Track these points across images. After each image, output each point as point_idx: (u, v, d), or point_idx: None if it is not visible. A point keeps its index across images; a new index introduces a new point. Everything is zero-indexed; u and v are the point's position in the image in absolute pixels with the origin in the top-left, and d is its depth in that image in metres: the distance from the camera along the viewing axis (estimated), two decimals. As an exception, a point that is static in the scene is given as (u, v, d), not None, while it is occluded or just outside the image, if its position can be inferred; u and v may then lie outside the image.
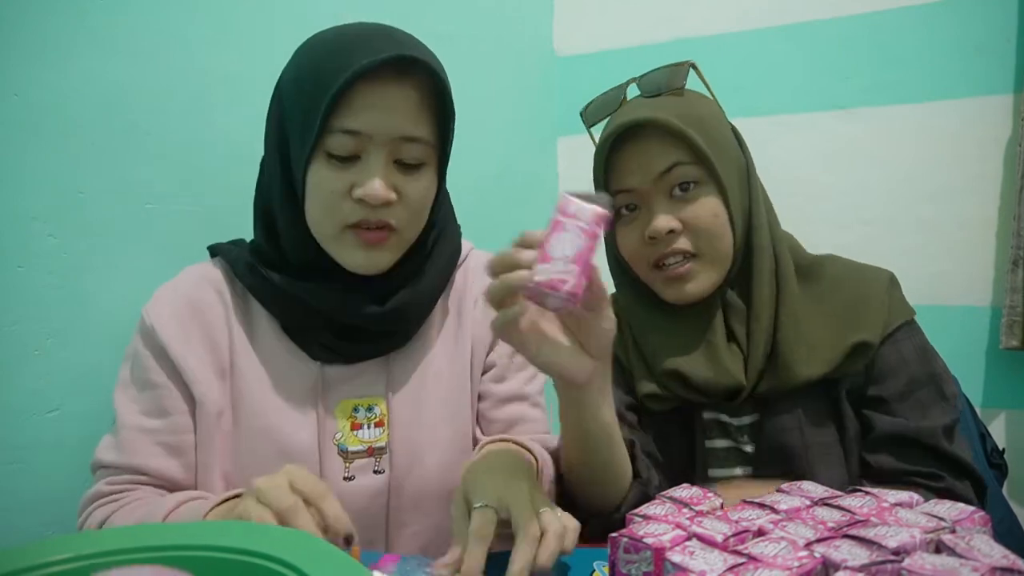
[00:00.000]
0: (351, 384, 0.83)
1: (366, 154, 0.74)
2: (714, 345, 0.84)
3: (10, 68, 0.79)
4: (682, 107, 0.83)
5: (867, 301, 0.85)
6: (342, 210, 0.75)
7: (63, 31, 0.83)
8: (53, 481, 0.84)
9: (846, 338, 0.82)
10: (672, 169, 0.81)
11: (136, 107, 0.92)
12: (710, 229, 0.82)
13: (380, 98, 0.73)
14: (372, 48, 0.72)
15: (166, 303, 0.81)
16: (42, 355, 0.82)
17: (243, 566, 0.46)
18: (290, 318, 0.82)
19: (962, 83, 1.61)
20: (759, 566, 0.47)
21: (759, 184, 0.88)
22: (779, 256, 0.86)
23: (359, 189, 0.74)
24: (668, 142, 0.81)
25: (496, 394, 0.90)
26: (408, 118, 0.75)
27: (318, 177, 0.75)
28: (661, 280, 0.85)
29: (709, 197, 0.82)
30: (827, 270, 0.88)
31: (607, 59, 2.02)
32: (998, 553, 0.48)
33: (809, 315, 0.84)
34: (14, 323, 0.80)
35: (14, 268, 0.80)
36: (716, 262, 0.84)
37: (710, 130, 0.83)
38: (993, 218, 1.60)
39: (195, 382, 0.78)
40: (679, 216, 0.82)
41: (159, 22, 0.94)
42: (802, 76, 1.76)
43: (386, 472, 0.82)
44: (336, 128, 0.73)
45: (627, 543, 0.53)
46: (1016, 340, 1.51)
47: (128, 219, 0.91)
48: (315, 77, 0.73)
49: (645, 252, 0.85)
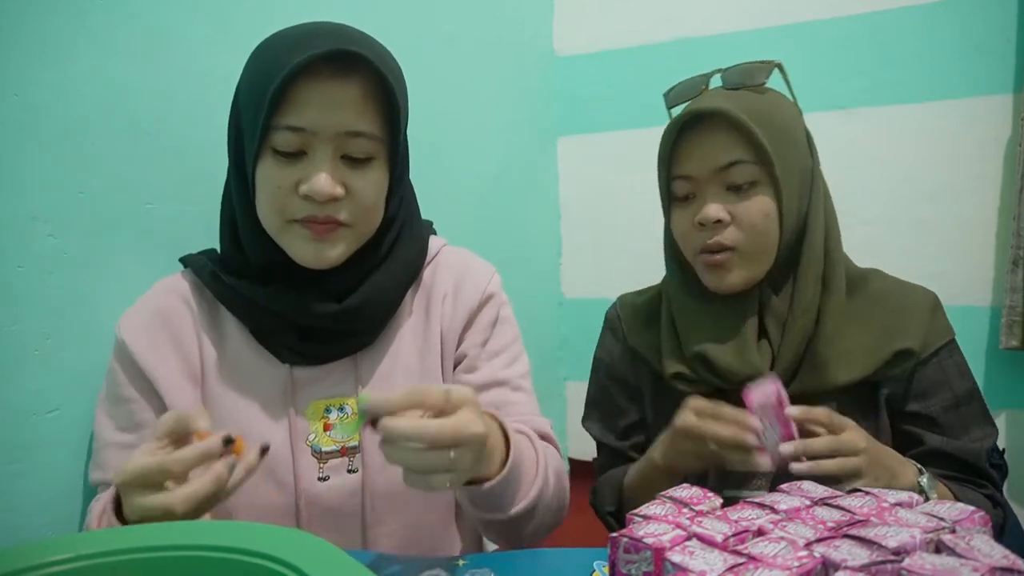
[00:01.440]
0: (320, 385, 0.84)
1: (312, 150, 0.75)
2: (743, 338, 0.86)
3: (10, 68, 0.79)
4: (755, 103, 0.85)
5: (910, 313, 0.87)
6: (289, 206, 0.76)
7: (63, 31, 0.83)
8: (53, 481, 0.84)
9: (888, 344, 0.84)
10: (732, 166, 0.83)
11: (136, 107, 0.92)
12: (757, 227, 0.84)
13: (321, 94, 0.73)
14: (312, 45, 0.72)
15: (136, 316, 0.83)
16: (42, 355, 0.82)
17: (243, 566, 0.46)
18: (255, 322, 0.83)
19: (962, 83, 1.61)
20: (759, 566, 0.47)
21: (822, 188, 0.90)
22: (832, 262, 0.88)
23: (304, 185, 0.74)
24: (733, 136, 0.83)
25: (470, 383, 0.90)
26: (351, 113, 0.75)
27: (265, 174, 0.76)
28: (704, 266, 0.88)
29: (763, 196, 0.84)
30: (872, 284, 0.90)
31: (607, 59, 2.02)
32: (998, 553, 0.48)
33: (851, 324, 0.86)
34: (14, 323, 0.80)
35: (14, 268, 0.80)
36: (756, 259, 0.85)
37: (778, 129, 0.84)
38: (993, 218, 1.61)
39: (167, 392, 0.80)
40: (730, 208, 0.84)
41: (159, 22, 0.94)
42: (802, 76, 1.75)
43: (360, 471, 0.83)
44: (280, 125, 0.74)
45: (627, 543, 0.53)
46: (1016, 340, 1.51)
47: (128, 219, 0.91)
48: (261, 76, 0.74)
49: (694, 237, 0.87)
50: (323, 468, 0.82)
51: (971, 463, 0.85)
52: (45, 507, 0.83)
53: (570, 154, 2.14)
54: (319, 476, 0.82)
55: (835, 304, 0.86)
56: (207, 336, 0.83)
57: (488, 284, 0.92)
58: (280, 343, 0.83)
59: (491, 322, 0.93)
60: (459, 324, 0.90)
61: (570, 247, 2.17)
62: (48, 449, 0.83)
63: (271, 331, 0.83)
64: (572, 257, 2.17)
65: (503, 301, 0.95)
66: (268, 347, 0.83)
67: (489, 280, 0.93)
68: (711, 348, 0.87)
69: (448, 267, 0.93)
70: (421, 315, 0.90)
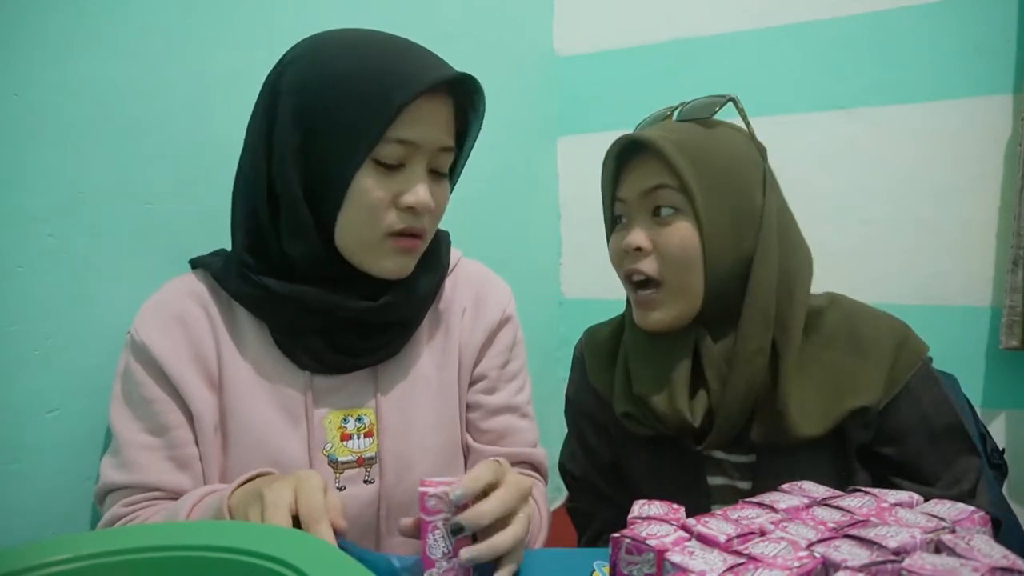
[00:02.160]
0: (340, 394, 0.83)
1: (411, 163, 0.76)
2: (672, 383, 0.83)
3: (10, 68, 0.79)
4: (695, 136, 0.83)
5: (864, 361, 0.81)
6: (386, 218, 0.76)
7: (63, 31, 0.83)
8: (53, 481, 0.84)
9: (842, 403, 0.79)
10: (656, 190, 0.82)
11: (136, 107, 0.92)
12: (676, 257, 0.81)
13: (430, 111, 0.76)
14: (430, 64, 0.76)
15: (153, 319, 0.81)
16: (42, 355, 0.82)
17: (243, 566, 0.46)
18: (283, 323, 0.82)
19: (962, 83, 1.61)
20: (759, 566, 0.47)
21: (780, 228, 0.83)
22: (789, 314, 0.82)
23: (408, 196, 0.76)
24: (661, 164, 0.81)
25: (487, 405, 0.91)
26: (445, 130, 0.79)
27: (365, 184, 0.75)
28: (634, 301, 0.86)
29: (684, 225, 0.80)
30: (826, 319, 0.85)
31: (607, 59, 2.02)
32: (998, 553, 0.48)
33: (803, 376, 0.81)
34: (14, 323, 0.80)
35: (14, 268, 0.80)
36: (681, 295, 0.82)
37: (709, 162, 0.81)
38: (993, 218, 1.61)
39: (192, 398, 0.79)
40: (652, 237, 0.82)
41: (159, 22, 0.94)
42: (802, 76, 1.76)
43: (376, 482, 0.83)
44: (392, 138, 0.74)
45: (629, 544, 0.53)
46: (1016, 340, 1.51)
47: (128, 219, 0.91)
48: (375, 85, 0.73)
49: (621, 263, 0.86)
50: (339, 478, 0.82)
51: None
52: (45, 507, 0.83)
53: (570, 154, 2.14)
54: (336, 486, 0.82)
55: (790, 359, 0.80)
56: (225, 341, 0.82)
57: (508, 305, 0.94)
58: (302, 349, 0.81)
59: (510, 345, 0.94)
60: (478, 340, 0.90)
61: (570, 247, 2.17)
62: (48, 449, 0.83)
63: (297, 334, 0.81)
64: (572, 257, 2.17)
65: (519, 324, 0.96)
66: (288, 354, 0.82)
67: (509, 301, 0.95)
68: (648, 390, 0.84)
69: (467, 281, 0.93)
70: (440, 328, 0.90)
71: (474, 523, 0.61)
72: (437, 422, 0.87)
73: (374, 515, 0.83)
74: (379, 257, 0.78)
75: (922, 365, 0.82)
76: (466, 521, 0.61)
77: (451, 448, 0.88)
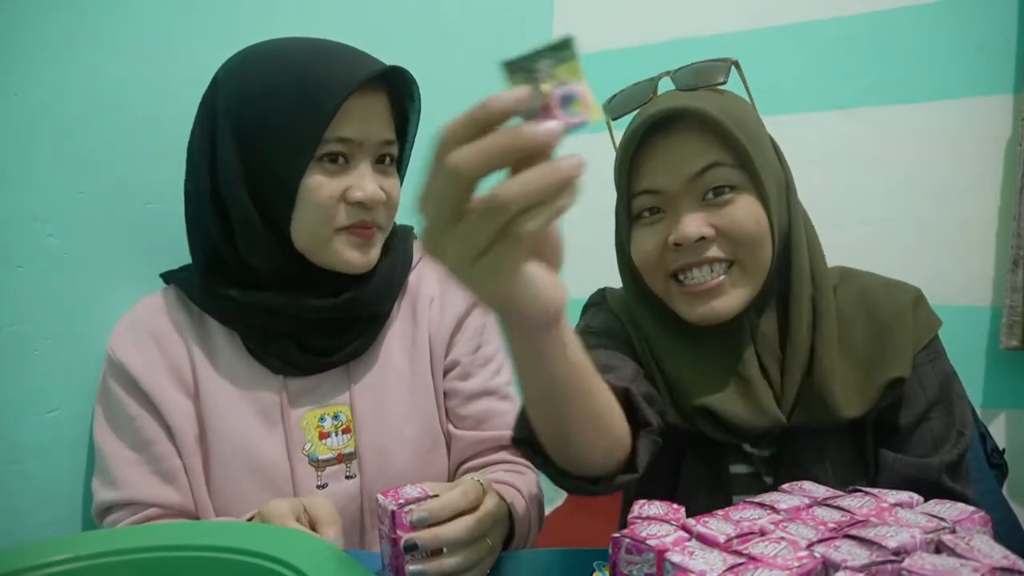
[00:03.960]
0: (314, 394, 0.85)
1: (355, 159, 0.79)
2: (748, 380, 0.74)
3: (10, 68, 0.79)
4: (723, 102, 0.74)
5: (892, 328, 0.77)
6: (337, 214, 0.79)
7: (63, 31, 0.83)
8: (53, 481, 0.84)
9: (879, 373, 0.75)
10: (708, 170, 0.72)
11: (136, 107, 0.91)
12: (751, 235, 0.72)
13: (364, 107, 0.79)
14: (360, 62, 0.78)
15: (129, 337, 0.83)
16: (42, 355, 0.82)
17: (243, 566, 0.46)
18: (252, 331, 0.83)
19: (962, 83, 1.61)
20: (759, 566, 0.47)
21: (799, 203, 0.81)
22: (819, 283, 0.78)
23: (357, 192, 0.79)
24: (707, 138, 0.72)
25: (463, 391, 0.91)
26: (385, 123, 0.82)
27: (312, 184, 0.77)
28: (681, 296, 0.75)
29: (748, 199, 0.73)
30: (841, 295, 0.80)
31: (607, 59, 2.02)
32: (998, 553, 0.48)
33: (840, 351, 0.77)
34: (14, 323, 0.80)
35: (14, 268, 0.80)
36: (755, 274, 0.74)
37: (753, 133, 0.74)
38: (993, 218, 1.60)
39: (171, 411, 0.80)
40: (712, 222, 0.72)
41: (159, 22, 0.94)
42: (802, 76, 1.76)
43: (357, 476, 0.84)
44: (331, 137, 0.77)
45: (629, 544, 0.53)
46: (1016, 340, 1.51)
47: (128, 219, 0.91)
48: (309, 89, 0.76)
49: (665, 260, 0.75)
50: (321, 476, 0.83)
51: (925, 480, 0.73)
52: (45, 507, 0.83)
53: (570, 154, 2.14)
54: (318, 484, 0.83)
55: (828, 332, 0.76)
56: (198, 353, 0.83)
57: None
58: (273, 353, 0.83)
59: (479, 329, 0.94)
60: (447, 329, 0.91)
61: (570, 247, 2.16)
62: (48, 449, 0.83)
63: (266, 339, 0.83)
64: (572, 257, 2.17)
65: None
66: (261, 359, 0.84)
67: None
68: (717, 401, 0.74)
69: (433, 272, 0.94)
70: (408, 320, 0.91)
71: (429, 545, 0.62)
72: (412, 413, 0.88)
73: (357, 509, 0.84)
74: (338, 251, 0.80)
75: (934, 336, 0.80)
76: (421, 541, 0.61)
77: (429, 438, 0.89)
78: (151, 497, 0.78)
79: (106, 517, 0.79)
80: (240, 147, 0.78)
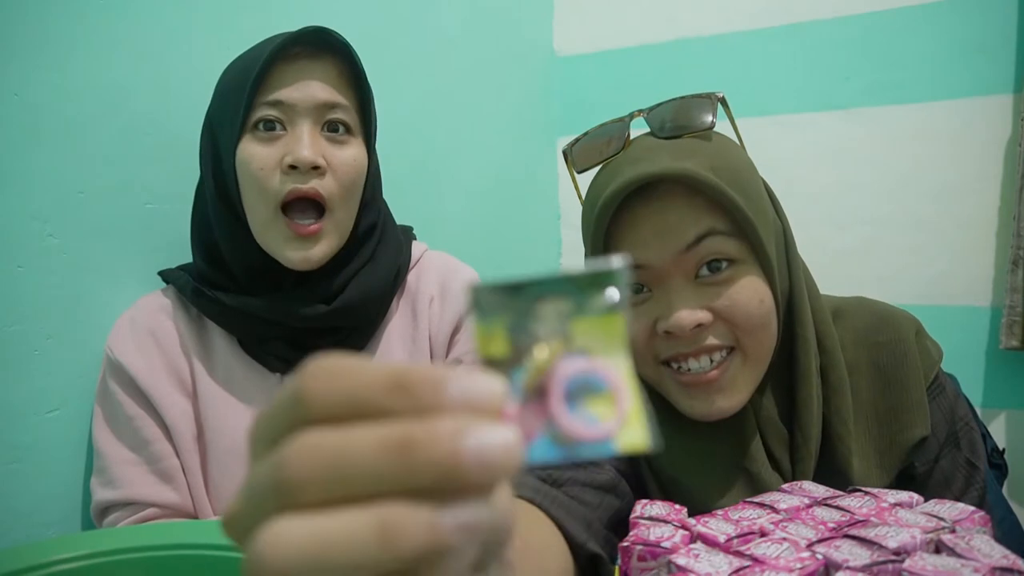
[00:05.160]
0: None
1: (292, 125, 0.78)
2: (756, 476, 0.65)
3: (10, 68, 0.79)
4: (713, 155, 0.63)
5: (900, 376, 0.68)
6: (274, 184, 0.77)
7: (63, 31, 0.83)
8: (53, 481, 0.84)
9: (899, 434, 0.67)
10: (702, 240, 0.61)
11: (136, 107, 0.91)
12: (754, 319, 0.62)
13: (297, 70, 0.78)
14: (289, 34, 0.78)
15: (128, 336, 0.83)
16: (42, 355, 0.82)
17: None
18: (245, 333, 0.84)
19: (962, 83, 1.61)
20: (764, 568, 0.47)
21: (798, 257, 0.69)
22: (829, 348, 0.68)
23: (289, 156, 0.76)
24: (698, 202, 0.61)
25: None
26: (327, 86, 0.79)
27: (247, 155, 0.77)
28: (676, 386, 0.65)
29: (749, 277, 0.63)
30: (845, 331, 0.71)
31: (607, 59, 2.02)
32: (998, 553, 0.48)
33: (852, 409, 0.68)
34: (14, 323, 0.80)
35: (14, 268, 0.80)
36: (759, 361, 0.64)
37: (749, 190, 0.63)
38: (993, 218, 1.60)
39: (168, 411, 0.80)
40: (709, 305, 0.62)
41: (159, 22, 0.94)
42: (802, 76, 1.76)
43: None
44: (260, 103, 0.77)
45: (641, 551, 0.52)
46: (1016, 340, 1.51)
47: (128, 219, 0.91)
48: (239, 74, 0.78)
49: (655, 347, 0.64)
50: None
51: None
52: (45, 507, 0.83)
53: (570, 154, 2.14)
54: None
55: (843, 405, 0.66)
56: (195, 352, 0.84)
57: None
58: (270, 353, 0.83)
59: None
60: (448, 327, 0.91)
61: (570, 247, 2.17)
62: (48, 449, 0.83)
63: (261, 341, 0.83)
64: (572, 257, 2.17)
65: None
66: (257, 358, 0.84)
67: None
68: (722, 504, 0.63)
69: (432, 270, 0.94)
70: (408, 319, 0.91)
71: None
72: None
73: None
74: (278, 245, 0.79)
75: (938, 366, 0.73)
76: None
77: None
78: (150, 497, 0.78)
79: (105, 517, 0.80)
80: (212, 141, 0.81)
